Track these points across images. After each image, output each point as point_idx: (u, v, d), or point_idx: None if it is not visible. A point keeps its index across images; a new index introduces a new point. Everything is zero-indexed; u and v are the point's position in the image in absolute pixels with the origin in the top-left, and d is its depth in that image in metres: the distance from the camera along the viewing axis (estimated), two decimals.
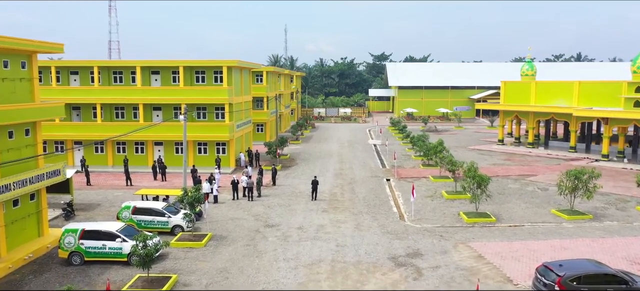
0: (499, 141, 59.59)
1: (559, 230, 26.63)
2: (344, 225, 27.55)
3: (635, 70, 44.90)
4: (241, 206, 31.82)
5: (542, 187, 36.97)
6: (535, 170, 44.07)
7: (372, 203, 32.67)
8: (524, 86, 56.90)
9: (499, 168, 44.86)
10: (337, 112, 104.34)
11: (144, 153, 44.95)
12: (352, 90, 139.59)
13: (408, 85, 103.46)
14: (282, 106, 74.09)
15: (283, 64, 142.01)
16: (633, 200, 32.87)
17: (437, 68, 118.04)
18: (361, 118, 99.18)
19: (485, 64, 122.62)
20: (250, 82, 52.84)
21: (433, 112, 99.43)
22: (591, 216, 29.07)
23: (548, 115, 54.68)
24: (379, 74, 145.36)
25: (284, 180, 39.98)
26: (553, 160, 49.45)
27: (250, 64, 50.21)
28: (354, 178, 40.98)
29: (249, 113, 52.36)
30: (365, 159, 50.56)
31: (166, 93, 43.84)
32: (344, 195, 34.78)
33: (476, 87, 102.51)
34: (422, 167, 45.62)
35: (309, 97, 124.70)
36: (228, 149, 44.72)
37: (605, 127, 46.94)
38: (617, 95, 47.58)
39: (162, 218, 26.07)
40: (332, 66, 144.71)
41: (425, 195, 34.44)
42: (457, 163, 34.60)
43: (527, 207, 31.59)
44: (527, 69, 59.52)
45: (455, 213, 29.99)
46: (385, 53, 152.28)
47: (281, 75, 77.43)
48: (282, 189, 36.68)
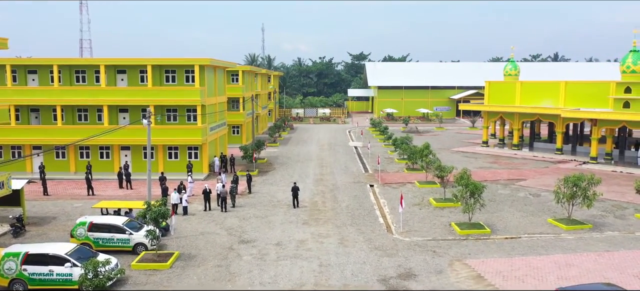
0: (483, 143, 57.88)
1: (559, 243, 24.59)
2: (327, 239, 25.01)
3: (624, 70, 43.47)
4: (213, 218, 29.02)
5: (534, 193, 35.07)
6: (524, 173, 42.27)
7: (357, 212, 30.24)
8: (508, 86, 55.24)
9: (487, 172, 42.93)
10: (315, 113, 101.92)
11: (109, 159, 41.75)
12: (331, 90, 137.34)
13: (387, 85, 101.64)
14: (259, 107, 71.26)
15: (260, 64, 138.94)
16: (630, 207, 31.15)
17: (416, 68, 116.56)
18: (340, 119, 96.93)
19: (464, 64, 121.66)
20: (225, 82, 49.95)
21: (413, 112, 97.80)
22: (591, 225, 27.15)
23: (534, 116, 53.13)
24: (358, 74, 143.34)
25: (260, 187, 37.29)
26: (540, 163, 47.80)
27: (225, 62, 47.34)
28: (336, 184, 38.51)
29: (224, 115, 49.48)
30: (346, 163, 48.16)
31: (133, 94, 40.67)
32: (325, 204, 32.26)
33: (456, 87, 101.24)
34: (406, 171, 43.42)
35: (287, 97, 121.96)
36: (201, 154, 41.79)
37: (594, 129, 45.45)
38: (605, 96, 46.17)
39: (122, 235, 23.16)
40: (310, 66, 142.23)
41: (413, 203, 32.16)
42: (446, 169, 32.42)
43: (521, 215, 29.56)
44: (511, 69, 57.94)
45: (446, 224, 27.76)
46: (363, 52, 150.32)
47: (258, 75, 74.57)
48: (258, 198, 33.99)
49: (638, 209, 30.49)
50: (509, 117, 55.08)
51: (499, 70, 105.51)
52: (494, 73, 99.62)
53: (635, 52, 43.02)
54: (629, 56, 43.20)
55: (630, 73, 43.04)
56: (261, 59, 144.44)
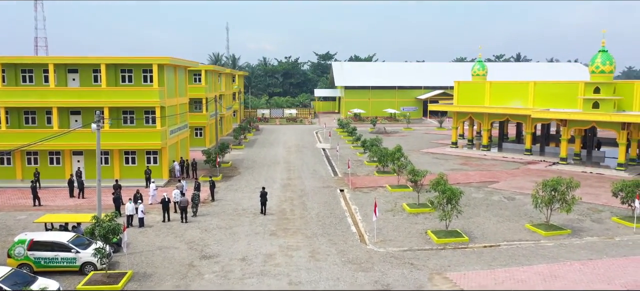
0: (453, 144, 57.12)
1: (540, 251, 23.47)
2: (297, 253, 23.15)
3: (593, 70, 43.20)
4: (173, 230, 26.74)
5: (508, 196, 34.12)
6: (496, 175, 41.45)
7: (327, 221, 28.48)
8: (478, 86, 54.61)
9: (458, 174, 41.92)
10: (282, 113, 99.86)
11: (60, 165, 38.75)
12: (297, 90, 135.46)
13: (354, 85, 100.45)
14: (223, 108, 68.71)
15: (224, 63, 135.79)
16: (606, 209, 30.49)
17: (383, 68, 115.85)
18: (307, 120, 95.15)
19: (429, 64, 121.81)
20: (186, 82, 47.41)
21: (380, 112, 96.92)
22: (570, 231, 26.21)
23: (503, 117, 52.64)
24: (324, 74, 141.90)
25: (224, 193, 35.11)
26: (510, 164, 47.21)
27: (186, 61, 44.84)
28: (305, 189, 36.68)
29: (186, 117, 46.95)
30: (315, 166, 46.39)
31: (86, 95, 37.79)
32: (294, 212, 30.38)
33: (422, 87, 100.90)
34: (376, 174, 41.97)
35: (252, 97, 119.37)
36: (160, 158, 39.26)
37: (564, 129, 45.11)
38: (574, 96, 45.91)
39: (67, 254, 20.70)
40: (276, 65, 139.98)
41: (386, 209, 30.65)
42: (420, 173, 31.04)
43: (498, 221, 28.43)
44: (479, 69, 57.37)
45: (422, 232, 26.33)
46: (330, 52, 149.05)
47: (222, 75, 71.97)
48: (222, 206, 31.81)
49: (614, 212, 29.84)
50: (478, 117, 54.48)
51: (463, 70, 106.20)
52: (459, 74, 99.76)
53: (604, 52, 42.81)
54: (598, 56, 42.94)
55: (599, 74, 42.80)
56: (226, 58, 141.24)
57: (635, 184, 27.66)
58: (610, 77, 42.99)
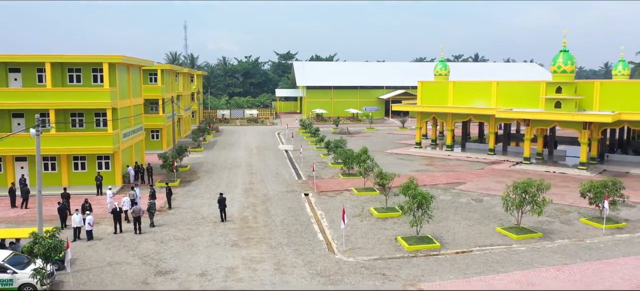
0: (417, 144, 56.61)
1: (514, 256, 22.74)
2: (261, 265, 21.58)
3: (555, 70, 43.36)
4: (125, 243, 24.67)
5: (475, 198, 33.53)
6: (462, 176, 40.97)
7: (293, 228, 27.00)
8: (441, 86, 54.25)
9: (424, 175, 41.21)
10: (242, 114, 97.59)
11: (1, 172, 35.77)
12: (258, 90, 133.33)
13: (316, 85, 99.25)
14: (181, 109, 66.15)
15: (182, 63, 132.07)
16: (573, 210, 30.25)
17: (344, 67, 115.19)
18: (269, 120, 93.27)
19: (390, 64, 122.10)
20: (140, 82, 44.92)
21: (342, 112, 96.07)
22: (541, 234, 25.66)
23: (467, 117, 52.46)
24: (286, 73, 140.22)
25: (182, 200, 33.09)
26: (474, 164, 46.95)
27: (140, 60, 42.40)
28: (268, 194, 35.07)
29: (141, 119, 44.46)
30: (278, 169, 44.79)
31: (29, 96, 34.95)
32: (257, 219, 28.75)
33: (384, 87, 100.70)
34: (342, 176, 40.77)
35: (211, 97, 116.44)
36: (113, 164, 36.85)
37: (527, 129, 45.14)
38: (536, 96, 46.07)
39: (3, 275, 18.47)
40: (235, 65, 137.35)
41: (353, 214, 29.42)
42: (388, 176, 29.96)
43: (468, 224, 27.66)
44: (441, 69, 57.05)
45: (392, 238, 25.23)
46: (291, 52, 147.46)
47: (180, 74, 69.38)
48: (180, 214, 29.84)
49: (581, 212, 29.62)
50: (442, 117, 54.14)
51: (424, 70, 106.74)
52: (419, 74, 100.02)
53: (566, 52, 43.03)
54: (559, 56, 43.13)
55: (561, 73, 42.99)
56: (183, 57, 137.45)
57: (603, 185, 27.41)
58: (572, 77, 43.26)
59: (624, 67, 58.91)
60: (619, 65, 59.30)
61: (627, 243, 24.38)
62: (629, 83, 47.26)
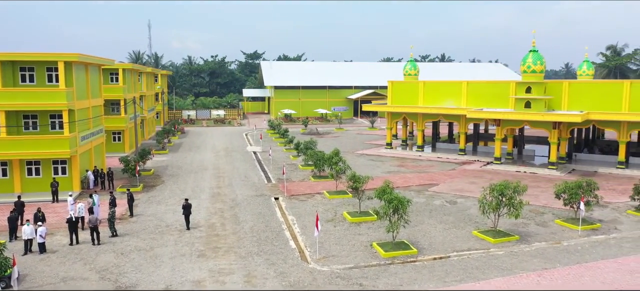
0: (387, 145, 55.99)
1: (493, 261, 22.07)
2: (230, 278, 20.20)
3: (525, 70, 43.34)
4: (82, 255, 22.87)
5: (449, 200, 32.92)
6: (434, 178, 40.41)
7: (263, 236, 25.69)
8: (412, 86, 53.77)
9: (396, 177, 40.47)
10: (209, 115, 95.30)
11: None
12: (225, 90, 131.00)
13: (284, 84, 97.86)
14: (144, 109, 63.78)
15: (146, 62, 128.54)
16: (547, 211, 29.95)
17: (312, 67, 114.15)
18: (236, 121, 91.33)
19: (358, 64, 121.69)
20: (100, 82, 42.70)
21: (311, 112, 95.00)
22: (518, 237, 25.13)
23: (438, 117, 52.11)
24: (253, 73, 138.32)
25: (145, 207, 31.30)
26: (446, 165, 46.57)
27: (100, 59, 40.24)
28: (236, 199, 33.60)
29: (101, 121, 42.26)
30: (246, 171, 43.30)
31: None
32: (225, 226, 27.30)
33: (353, 87, 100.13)
34: (312, 179, 39.63)
35: (177, 98, 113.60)
36: (70, 168, 34.71)
37: (498, 129, 45.00)
38: (506, 96, 46.07)
39: None
40: (201, 64, 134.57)
41: (326, 219, 28.33)
42: (361, 179, 28.96)
43: (444, 228, 26.94)
44: (410, 69, 56.64)
45: (367, 244, 24.24)
46: (258, 51, 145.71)
47: (143, 74, 66.91)
48: (142, 222, 28.11)
49: (555, 214, 29.33)
50: (413, 117, 53.66)
51: (392, 69, 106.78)
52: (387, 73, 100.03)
53: (535, 52, 43.06)
54: (529, 56, 43.12)
55: (531, 73, 42.99)
56: (147, 56, 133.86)
57: (577, 186, 27.13)
58: (541, 77, 43.32)
59: (588, 67, 59.86)
60: (584, 65, 60.23)
61: (604, 246, 24.08)
62: (597, 83, 47.88)
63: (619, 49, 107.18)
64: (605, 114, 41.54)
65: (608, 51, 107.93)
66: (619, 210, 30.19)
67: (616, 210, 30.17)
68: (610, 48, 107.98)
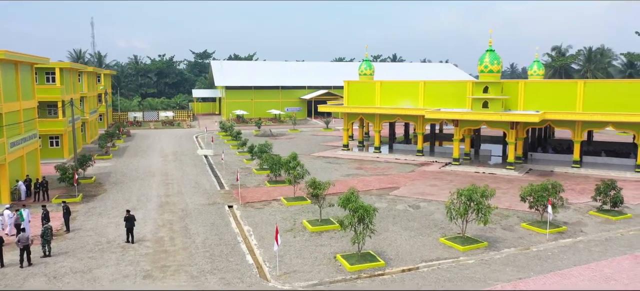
0: (344, 146, 54.60)
1: (464, 271, 20.85)
2: None
3: (482, 70, 42.91)
4: (6, 280, 19.92)
5: (412, 204, 31.71)
6: (394, 180, 39.23)
7: (217, 250, 23.49)
8: (368, 86, 52.58)
9: (356, 180, 39.06)
10: (156, 116, 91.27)
11: None
12: (173, 90, 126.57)
13: (236, 85, 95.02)
14: (85, 111, 59.73)
15: (89, 61, 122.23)
16: (511, 214, 29.22)
17: (265, 67, 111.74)
18: (186, 123, 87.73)
19: (311, 63, 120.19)
20: (33, 82, 39.03)
21: (264, 113, 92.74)
22: (486, 243, 24.11)
23: (395, 117, 51.16)
24: (203, 73, 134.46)
25: (84, 220, 28.36)
26: (404, 166, 45.61)
27: (32, 57, 36.68)
28: (186, 208, 31.13)
29: (34, 125, 38.61)
30: (197, 177, 40.73)
31: None
32: (174, 241, 24.89)
33: (306, 87, 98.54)
34: (268, 184, 37.59)
35: (122, 99, 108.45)
36: None
37: (456, 129, 44.41)
38: (463, 96, 45.63)
39: None
40: (148, 64, 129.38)
41: (285, 229, 26.43)
42: (322, 185, 27.22)
43: (409, 235, 25.60)
44: (366, 68, 55.51)
45: (330, 256, 22.53)
46: (208, 50, 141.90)
47: (83, 73, 62.68)
48: (80, 238, 25.27)
49: (520, 217, 28.63)
50: (369, 118, 52.48)
51: (345, 69, 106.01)
52: (341, 73, 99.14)
53: (492, 52, 42.71)
54: (485, 56, 42.71)
55: (488, 73, 42.61)
56: (90, 55, 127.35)
57: (543, 188, 26.44)
58: (498, 77, 43.05)
59: (539, 67, 60.61)
60: (534, 65, 60.95)
61: (573, 250, 23.38)
62: (552, 83, 48.29)
63: (563, 49, 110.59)
64: (560, 114, 41.66)
65: (553, 52, 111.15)
66: (582, 211, 29.85)
67: (579, 211, 29.81)
68: (555, 49, 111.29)
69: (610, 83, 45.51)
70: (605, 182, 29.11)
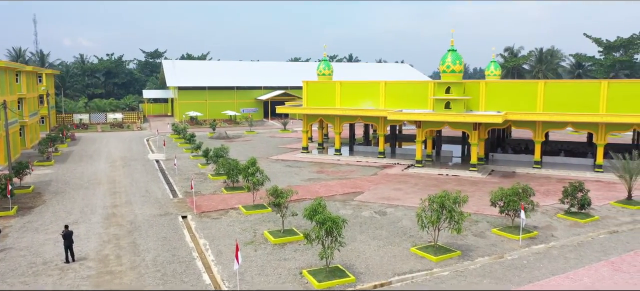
0: (304, 149, 52.82)
1: (440, 285, 19.51)
2: None
3: (444, 70, 42.12)
4: None
5: (378, 211, 30.28)
6: (357, 184, 37.78)
7: (170, 269, 21.21)
8: (328, 87, 50.97)
9: (318, 185, 37.37)
10: (105, 118, 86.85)
11: None
12: (123, 91, 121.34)
13: (189, 85, 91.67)
14: (24, 114, 55.44)
15: (30, 60, 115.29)
16: (481, 219, 28.24)
17: (219, 67, 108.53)
18: (136, 125, 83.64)
19: (267, 63, 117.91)
20: None
21: (219, 114, 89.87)
22: (459, 252, 22.88)
23: (356, 118, 49.80)
24: (154, 73, 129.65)
25: (18, 237, 25.35)
26: (366, 169, 44.28)
27: None
28: (135, 220, 28.52)
29: None
30: (147, 185, 37.98)
31: None
32: (121, 259, 22.40)
33: (262, 87, 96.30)
34: (225, 191, 35.33)
35: (67, 100, 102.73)
36: None
37: (418, 131, 43.45)
38: (425, 96, 44.77)
39: None
40: (96, 63, 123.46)
41: (245, 241, 24.42)
42: (284, 194, 25.33)
43: (378, 245, 24.09)
44: (324, 68, 53.95)
45: (296, 272, 20.71)
46: (159, 50, 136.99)
47: (22, 73, 58.21)
48: (12, 259, 22.38)
49: (490, 221, 27.70)
50: (329, 119, 50.90)
51: (302, 69, 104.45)
52: (297, 73, 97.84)
53: (454, 52, 41.98)
54: (448, 55, 41.95)
55: (450, 73, 41.85)
56: (31, 54, 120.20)
57: (514, 192, 25.54)
58: (460, 77, 42.36)
59: (495, 67, 60.90)
60: (491, 65, 61.22)
61: (548, 257, 22.48)
62: (512, 83, 48.23)
63: (515, 50, 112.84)
64: (522, 114, 41.42)
65: (506, 53, 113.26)
66: (549, 214, 29.25)
67: (547, 214, 29.19)
68: (508, 50, 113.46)
69: (569, 83, 45.71)
70: (572, 184, 28.57)
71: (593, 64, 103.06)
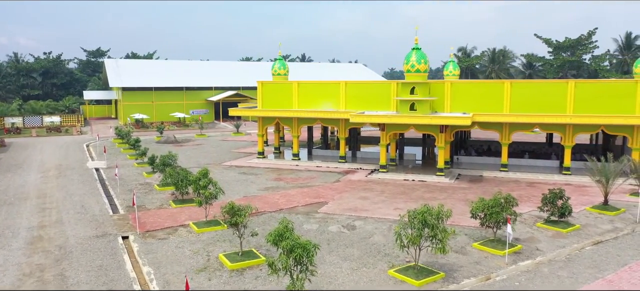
0: (259, 154, 49.42)
1: None
2: None
3: (408, 69, 39.83)
4: None
5: (346, 224, 27.40)
6: (320, 193, 34.82)
7: None
8: (284, 87, 47.77)
9: (277, 195, 34.13)
10: (40, 121, 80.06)
11: None
12: (62, 92, 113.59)
13: (134, 86, 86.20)
14: None
15: None
16: (459, 232, 25.67)
17: (167, 66, 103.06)
18: (76, 129, 77.37)
19: (217, 63, 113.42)
20: None
21: (167, 117, 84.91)
22: (443, 274, 20.32)
23: (315, 121, 46.86)
24: (96, 73, 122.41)
25: None
26: (328, 175, 41.43)
27: None
28: (66, 244, 24.39)
29: None
30: (84, 198, 33.60)
31: None
32: None
33: (213, 88, 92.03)
34: (173, 204, 31.52)
35: None
36: None
37: (383, 134, 40.97)
38: (388, 97, 42.50)
39: None
40: (32, 62, 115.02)
41: (196, 268, 20.95)
42: (243, 212, 21.97)
43: (351, 268, 21.18)
44: (279, 68, 50.74)
45: None
46: (102, 48, 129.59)
47: None
48: None
49: (468, 234, 25.39)
50: (286, 122, 47.72)
51: (254, 69, 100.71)
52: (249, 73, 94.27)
53: (418, 50, 39.80)
54: (412, 54, 39.69)
55: (415, 73, 39.63)
56: None
57: (496, 203, 23.28)
58: (425, 77, 40.23)
59: (454, 67, 59.62)
60: (450, 65, 59.93)
61: (539, 276, 20.26)
62: (478, 84, 46.86)
63: (469, 50, 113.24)
64: (488, 115, 39.78)
65: (459, 53, 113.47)
66: (528, 223, 27.28)
67: (525, 223, 27.19)
68: (461, 50, 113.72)
69: (536, 83, 44.48)
70: (552, 190, 26.70)
71: (543, 64, 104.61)
